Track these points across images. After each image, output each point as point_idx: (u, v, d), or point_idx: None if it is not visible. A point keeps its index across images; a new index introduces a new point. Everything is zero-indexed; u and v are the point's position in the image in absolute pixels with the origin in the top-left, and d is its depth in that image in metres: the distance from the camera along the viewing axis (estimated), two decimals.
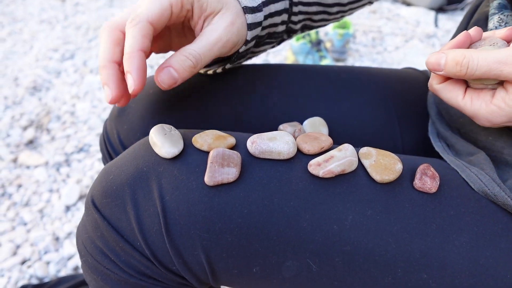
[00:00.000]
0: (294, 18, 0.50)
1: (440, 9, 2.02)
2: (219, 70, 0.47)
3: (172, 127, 0.38)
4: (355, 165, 0.37)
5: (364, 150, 0.39)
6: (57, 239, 0.93)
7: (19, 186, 1.06)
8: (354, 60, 1.65)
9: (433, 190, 0.37)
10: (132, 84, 0.35)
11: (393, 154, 0.39)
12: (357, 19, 1.95)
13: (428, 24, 1.92)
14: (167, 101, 0.48)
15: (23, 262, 0.88)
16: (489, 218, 0.37)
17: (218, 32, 0.38)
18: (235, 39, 0.40)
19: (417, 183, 0.37)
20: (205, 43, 0.37)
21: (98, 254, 0.38)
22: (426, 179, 0.37)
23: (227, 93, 0.50)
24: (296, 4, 0.49)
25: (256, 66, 0.54)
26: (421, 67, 1.58)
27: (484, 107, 0.34)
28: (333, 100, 0.51)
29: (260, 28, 0.44)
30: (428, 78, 0.61)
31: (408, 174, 0.39)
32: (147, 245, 0.36)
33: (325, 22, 0.56)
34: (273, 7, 0.45)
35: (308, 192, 0.35)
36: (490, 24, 0.42)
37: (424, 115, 0.55)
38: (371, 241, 0.35)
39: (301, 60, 1.46)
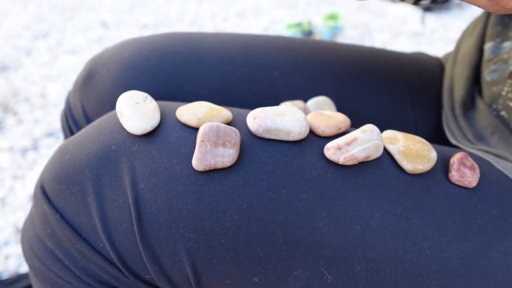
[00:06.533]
0: None
1: (427, 8, 1.98)
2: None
3: (148, 96, 0.30)
4: (381, 150, 0.29)
5: (389, 133, 0.32)
6: (19, 230, 0.83)
7: None
8: None
9: (473, 184, 0.30)
10: None
11: (423, 140, 0.32)
12: (347, 11, 1.89)
13: (415, 22, 1.88)
14: (145, 68, 0.40)
15: None
16: None
17: None
18: None
19: (454, 175, 0.30)
20: None
21: (48, 257, 0.29)
22: (465, 171, 0.30)
23: (219, 63, 0.41)
24: None
25: (251, 36, 0.46)
26: None
27: None
28: (341, 79, 0.44)
29: None
30: (441, 64, 0.54)
31: (440, 165, 0.32)
32: (113, 247, 0.28)
33: None
34: None
35: (325, 183, 0.28)
36: None
37: (439, 101, 0.48)
38: (401, 245, 0.28)
39: None
